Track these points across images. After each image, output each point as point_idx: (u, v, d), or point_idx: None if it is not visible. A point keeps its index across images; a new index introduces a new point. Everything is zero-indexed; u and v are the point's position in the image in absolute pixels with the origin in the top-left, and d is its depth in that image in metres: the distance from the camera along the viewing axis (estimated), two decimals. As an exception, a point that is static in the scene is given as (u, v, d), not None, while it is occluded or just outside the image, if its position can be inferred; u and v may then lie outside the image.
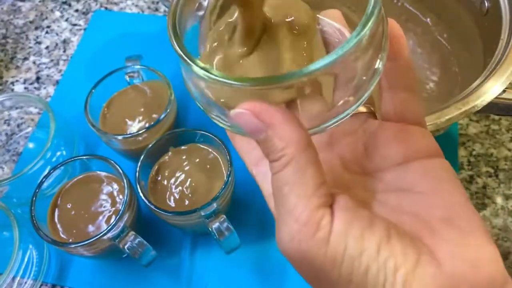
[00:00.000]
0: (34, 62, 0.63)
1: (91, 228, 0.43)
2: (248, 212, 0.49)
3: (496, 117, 0.53)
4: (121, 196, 0.44)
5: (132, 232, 0.41)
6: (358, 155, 0.24)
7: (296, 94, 0.21)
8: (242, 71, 0.23)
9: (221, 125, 0.23)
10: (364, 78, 0.21)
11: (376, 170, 0.23)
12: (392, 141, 0.23)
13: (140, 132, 0.46)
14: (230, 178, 0.42)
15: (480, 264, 0.20)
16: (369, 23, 0.19)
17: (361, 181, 0.23)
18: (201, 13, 0.25)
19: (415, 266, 0.19)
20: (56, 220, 0.44)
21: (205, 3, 0.24)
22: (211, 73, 0.20)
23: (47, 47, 0.64)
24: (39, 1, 0.69)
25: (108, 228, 0.40)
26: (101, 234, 0.40)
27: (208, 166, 0.45)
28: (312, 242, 0.19)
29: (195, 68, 0.20)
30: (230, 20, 0.24)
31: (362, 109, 0.25)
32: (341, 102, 0.21)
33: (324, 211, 0.20)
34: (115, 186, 0.45)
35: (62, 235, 0.43)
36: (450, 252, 0.20)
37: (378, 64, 0.21)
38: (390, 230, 0.20)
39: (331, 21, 0.25)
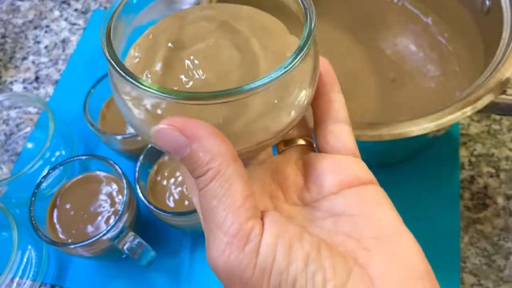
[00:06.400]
0: (33, 62, 0.63)
1: (90, 228, 0.43)
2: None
3: (497, 117, 0.53)
4: (120, 197, 0.44)
5: (132, 233, 0.41)
6: (298, 187, 0.25)
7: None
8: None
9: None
10: (291, 99, 0.22)
11: (314, 201, 0.24)
12: (327, 173, 0.24)
13: (140, 132, 0.45)
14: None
15: (411, 278, 0.20)
16: (299, 56, 0.20)
17: (300, 211, 0.24)
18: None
19: (345, 281, 0.19)
20: (55, 220, 0.44)
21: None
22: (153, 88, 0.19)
23: (46, 47, 0.64)
24: (38, 1, 0.69)
25: (108, 228, 0.40)
26: (100, 235, 0.40)
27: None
28: (242, 255, 0.19)
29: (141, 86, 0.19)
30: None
31: (302, 141, 0.26)
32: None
33: (254, 223, 0.19)
34: (114, 186, 0.45)
35: (61, 236, 0.43)
36: (381, 268, 0.20)
37: (306, 93, 0.22)
38: (320, 245, 0.20)
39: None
